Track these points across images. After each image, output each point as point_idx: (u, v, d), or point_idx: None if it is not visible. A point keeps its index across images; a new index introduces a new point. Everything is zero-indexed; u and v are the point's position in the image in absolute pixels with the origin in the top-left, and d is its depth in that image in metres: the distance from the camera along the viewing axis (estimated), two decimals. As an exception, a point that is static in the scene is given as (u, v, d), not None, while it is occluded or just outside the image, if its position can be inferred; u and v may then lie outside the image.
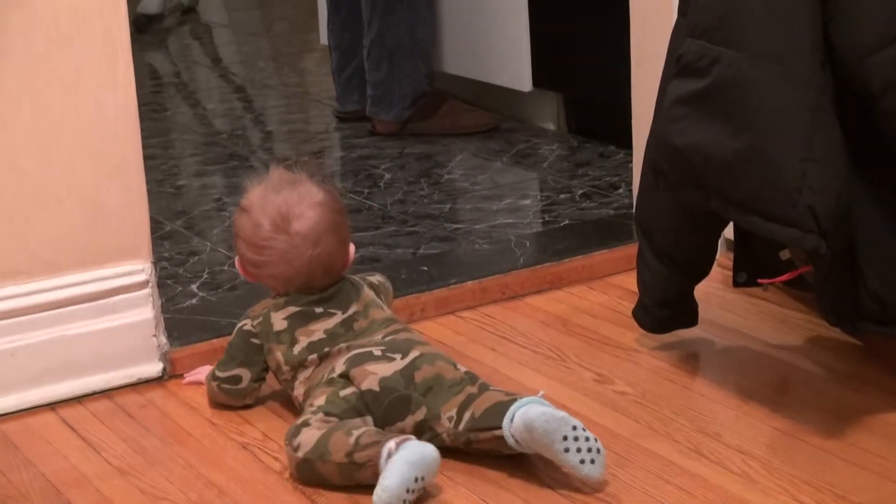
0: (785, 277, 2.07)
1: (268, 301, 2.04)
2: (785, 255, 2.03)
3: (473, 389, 1.88)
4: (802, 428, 1.92)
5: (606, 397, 2.04)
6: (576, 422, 1.76)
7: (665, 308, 2.16)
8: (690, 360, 2.18)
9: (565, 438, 1.75)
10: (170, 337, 2.21)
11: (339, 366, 1.92)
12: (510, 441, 1.79)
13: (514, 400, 1.81)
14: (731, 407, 2.01)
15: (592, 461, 1.75)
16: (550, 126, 3.48)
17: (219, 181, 3.21)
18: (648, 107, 2.12)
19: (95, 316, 2.13)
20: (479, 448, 1.85)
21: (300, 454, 1.82)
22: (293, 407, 1.99)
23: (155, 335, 2.18)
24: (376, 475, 1.73)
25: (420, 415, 1.87)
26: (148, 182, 2.18)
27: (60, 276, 2.11)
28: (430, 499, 1.78)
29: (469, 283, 2.44)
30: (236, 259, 2.08)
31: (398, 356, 1.91)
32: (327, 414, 1.85)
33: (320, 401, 1.87)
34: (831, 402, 2.00)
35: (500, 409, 1.82)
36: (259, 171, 3.17)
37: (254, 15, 5.59)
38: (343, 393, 1.88)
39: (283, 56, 4.71)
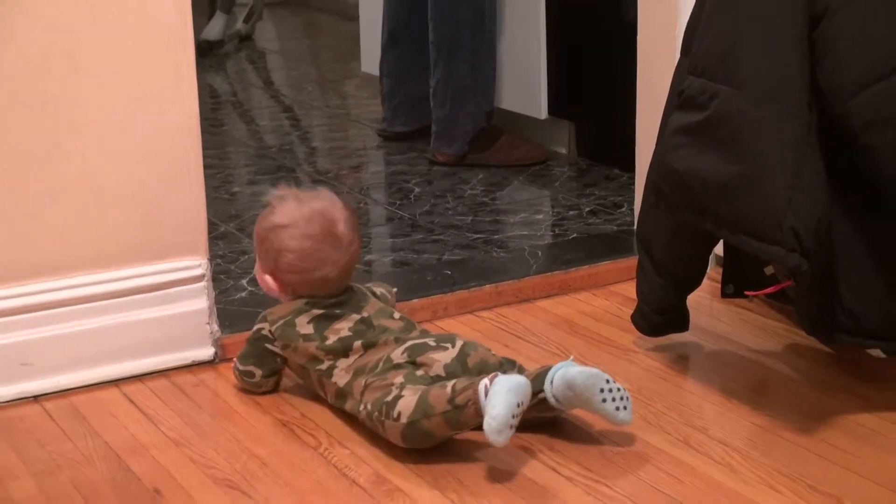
0: (769, 291, 2.06)
1: (287, 305, 2.01)
2: (769, 270, 2.03)
3: (514, 371, 1.89)
4: (779, 424, 1.92)
5: (606, 392, 2.04)
6: (607, 376, 1.80)
7: (660, 314, 2.15)
8: (681, 361, 2.17)
9: (602, 391, 1.79)
10: (221, 325, 2.21)
11: (399, 355, 1.90)
12: (552, 401, 1.82)
13: (549, 368, 1.83)
14: (715, 404, 2.01)
15: (625, 408, 1.82)
16: (562, 150, 3.48)
17: (268, 189, 3.19)
18: (651, 135, 2.12)
19: (156, 304, 2.14)
20: (523, 416, 1.84)
21: (404, 420, 1.80)
22: (327, 391, 1.99)
23: (208, 323, 2.18)
24: (479, 412, 1.73)
25: None
26: (205, 188, 2.18)
27: (126, 268, 2.12)
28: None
29: (487, 286, 2.44)
30: (261, 275, 2.05)
31: (449, 345, 1.91)
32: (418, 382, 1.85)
33: (399, 379, 1.86)
34: (805, 403, 1.99)
35: (540, 375, 1.84)
36: (301, 183, 3.21)
37: (303, 44, 5.60)
38: (418, 373, 1.87)
39: (328, 81, 4.72)
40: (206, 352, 2.18)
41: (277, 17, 6.09)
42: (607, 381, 1.80)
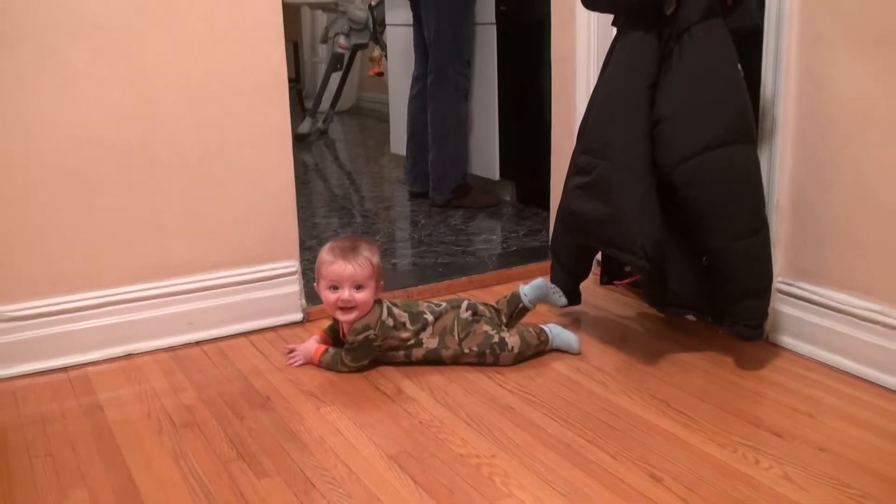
0: (627, 281, 2.07)
1: (373, 313, 1.82)
2: (628, 269, 2.03)
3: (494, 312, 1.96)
4: (634, 359, 1.92)
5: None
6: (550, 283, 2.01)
7: (565, 295, 2.15)
8: (576, 321, 2.17)
9: (550, 288, 2.03)
10: (307, 300, 2.20)
11: (463, 313, 1.88)
12: (528, 305, 1.99)
13: (514, 292, 1.98)
14: (595, 346, 2.00)
15: (562, 296, 2.06)
16: (508, 198, 3.48)
17: (335, 220, 3.20)
18: (559, 190, 2.13)
19: (269, 288, 2.14)
20: (514, 322, 1.98)
21: (515, 350, 1.84)
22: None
23: (300, 299, 2.17)
24: (547, 344, 1.89)
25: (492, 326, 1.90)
26: (298, 219, 2.17)
27: (253, 266, 2.12)
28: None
29: (463, 278, 2.43)
30: (375, 296, 1.82)
31: (479, 306, 1.94)
32: (498, 329, 1.88)
33: (486, 328, 1.86)
34: (649, 347, 1.99)
35: (513, 299, 1.99)
36: (355, 217, 3.20)
37: (357, 135, 5.59)
38: (488, 323, 1.89)
39: (371, 157, 4.71)
40: (298, 316, 2.17)
41: (342, 120, 6.08)
42: (551, 284, 2.02)
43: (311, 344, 1.91)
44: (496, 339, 1.84)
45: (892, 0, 1.66)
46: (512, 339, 1.85)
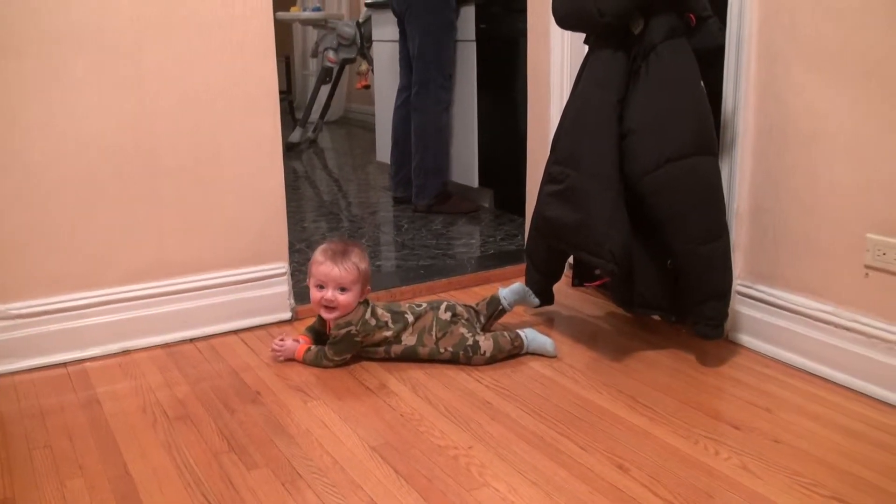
0: (597, 283, 2.07)
1: (356, 311, 1.81)
2: (598, 272, 2.04)
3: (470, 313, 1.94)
4: (604, 356, 1.92)
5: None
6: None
7: (538, 296, 2.14)
8: (549, 321, 2.16)
9: (528, 292, 2.02)
10: (295, 299, 2.19)
11: (442, 314, 1.85)
12: (507, 307, 1.97)
13: (494, 294, 1.98)
14: (567, 344, 2.00)
15: (535, 298, 2.04)
16: (487, 205, 3.48)
17: (324, 225, 3.19)
18: (533, 197, 2.13)
19: (260, 288, 2.12)
20: (492, 322, 1.97)
21: (487, 354, 1.82)
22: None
23: (288, 299, 2.16)
24: (520, 349, 1.87)
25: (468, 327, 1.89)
26: (287, 223, 2.16)
27: (245, 268, 2.10)
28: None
29: (443, 279, 2.42)
30: (358, 297, 1.82)
31: (458, 307, 1.91)
32: (474, 332, 1.85)
33: (463, 330, 1.84)
34: (617, 345, 2.00)
35: (493, 301, 1.97)
36: (342, 221, 3.19)
37: (345, 144, 5.58)
38: (465, 325, 1.87)
39: (358, 165, 4.70)
40: (286, 315, 2.16)
41: (331, 130, 6.07)
42: (527, 287, 2.01)
43: (295, 344, 1.89)
44: (470, 341, 1.84)
45: (843, 22, 1.68)
46: (485, 344, 1.84)
